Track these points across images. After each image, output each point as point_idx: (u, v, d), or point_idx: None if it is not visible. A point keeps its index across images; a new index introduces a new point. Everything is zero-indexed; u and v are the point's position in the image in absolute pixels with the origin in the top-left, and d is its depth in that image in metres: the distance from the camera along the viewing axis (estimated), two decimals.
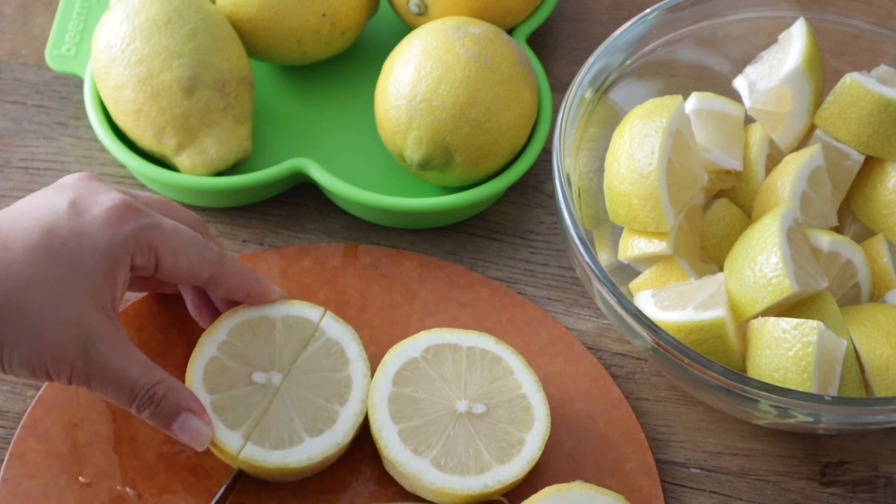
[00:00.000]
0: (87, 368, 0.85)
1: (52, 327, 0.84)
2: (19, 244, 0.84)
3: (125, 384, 0.85)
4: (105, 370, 0.85)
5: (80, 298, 0.84)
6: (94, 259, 0.85)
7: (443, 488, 0.88)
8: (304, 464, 0.89)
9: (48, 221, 0.85)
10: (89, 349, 0.84)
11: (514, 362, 0.92)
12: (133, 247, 0.86)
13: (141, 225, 0.87)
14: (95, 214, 0.86)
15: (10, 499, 0.90)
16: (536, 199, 1.04)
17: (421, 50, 0.99)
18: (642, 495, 0.92)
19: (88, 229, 0.85)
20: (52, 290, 0.84)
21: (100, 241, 0.85)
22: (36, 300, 0.83)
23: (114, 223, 0.86)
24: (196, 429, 0.87)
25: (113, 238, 0.86)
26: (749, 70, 0.99)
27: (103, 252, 0.85)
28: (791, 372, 0.87)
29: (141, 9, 0.99)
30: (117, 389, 0.86)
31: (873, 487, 0.94)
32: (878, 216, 0.97)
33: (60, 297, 0.84)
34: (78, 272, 0.85)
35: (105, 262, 0.85)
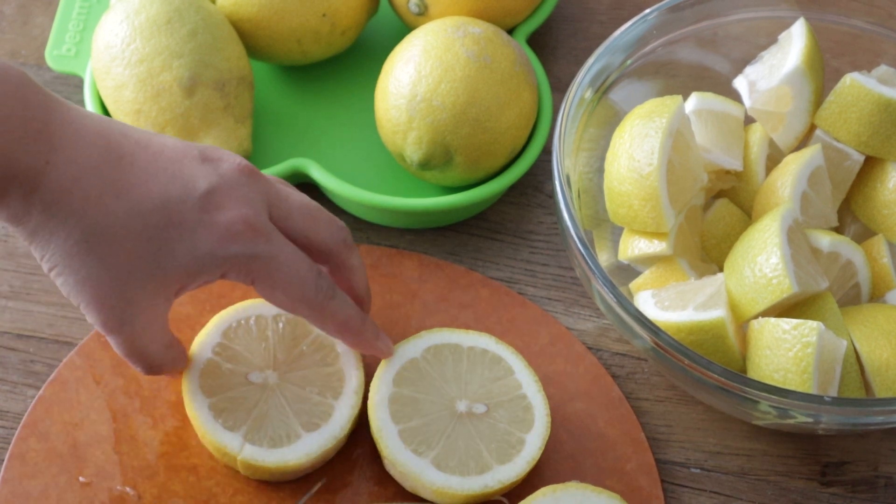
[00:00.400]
0: (112, 329, 0.84)
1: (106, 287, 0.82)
2: (132, 201, 0.82)
3: (138, 355, 0.86)
4: (130, 338, 0.84)
5: (146, 282, 0.83)
6: (184, 258, 0.83)
7: (443, 488, 0.88)
8: (303, 460, 0.89)
9: (172, 199, 0.83)
10: (125, 324, 0.83)
11: (514, 362, 0.92)
12: (230, 268, 0.84)
13: (249, 253, 0.84)
14: (216, 220, 0.83)
15: (10, 499, 0.90)
16: (536, 199, 1.04)
17: (421, 50, 0.99)
18: (642, 495, 0.92)
19: (198, 230, 0.83)
20: (129, 260, 0.82)
21: (200, 247, 0.83)
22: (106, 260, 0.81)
23: (225, 239, 0.83)
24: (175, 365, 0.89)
25: (214, 252, 0.83)
26: (749, 70, 0.99)
27: (197, 258, 0.83)
28: (791, 372, 0.87)
29: (141, 9, 0.99)
30: (129, 353, 0.85)
31: (873, 487, 0.94)
32: (878, 216, 0.97)
33: (131, 270, 0.82)
34: (161, 261, 0.83)
35: (192, 266, 0.83)
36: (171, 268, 0.83)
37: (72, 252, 0.81)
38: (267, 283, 0.85)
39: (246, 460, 0.88)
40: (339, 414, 0.90)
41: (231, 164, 0.85)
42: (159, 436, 0.92)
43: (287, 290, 0.86)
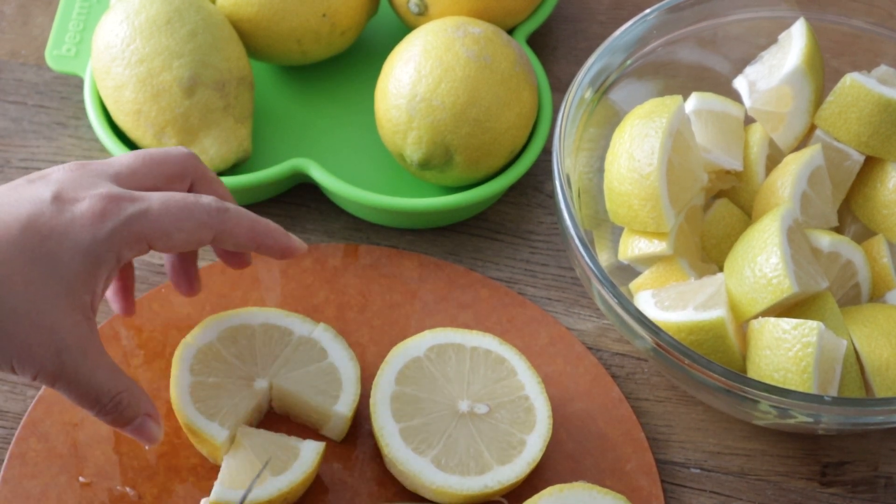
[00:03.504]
0: (54, 371, 0.82)
1: (24, 328, 0.81)
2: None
3: (91, 391, 0.83)
4: (73, 375, 0.83)
5: (56, 301, 0.82)
6: (73, 260, 0.82)
7: (443, 488, 0.88)
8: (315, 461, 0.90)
9: (29, 216, 0.82)
10: (61, 353, 0.82)
11: (517, 363, 0.92)
12: (119, 244, 0.83)
13: (125, 218, 0.83)
14: (78, 212, 0.83)
15: (10, 499, 0.90)
16: (536, 199, 1.04)
17: (421, 50, 0.99)
18: (642, 495, 0.92)
19: (70, 228, 0.83)
20: (27, 290, 0.81)
21: (81, 240, 0.83)
22: (8, 300, 0.81)
23: (96, 221, 0.83)
24: (150, 431, 0.86)
25: (95, 237, 0.83)
26: (749, 70, 0.99)
27: (84, 251, 0.83)
28: (791, 372, 0.87)
29: (141, 9, 0.99)
30: (82, 395, 0.83)
31: (873, 487, 0.94)
32: (878, 216, 0.97)
33: (35, 299, 0.81)
34: (56, 273, 0.82)
35: (86, 262, 0.83)
36: (69, 274, 0.82)
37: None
38: (159, 234, 0.84)
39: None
40: (337, 413, 0.91)
41: (58, 169, 0.86)
42: None
43: (180, 226, 0.85)
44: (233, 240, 0.87)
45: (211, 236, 0.86)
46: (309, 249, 1.00)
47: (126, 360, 0.95)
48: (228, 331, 0.93)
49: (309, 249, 1.00)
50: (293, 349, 0.92)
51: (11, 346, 0.81)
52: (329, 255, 1.00)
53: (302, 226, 1.03)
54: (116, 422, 0.85)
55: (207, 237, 0.86)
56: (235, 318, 0.93)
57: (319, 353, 0.93)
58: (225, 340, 0.92)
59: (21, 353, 0.81)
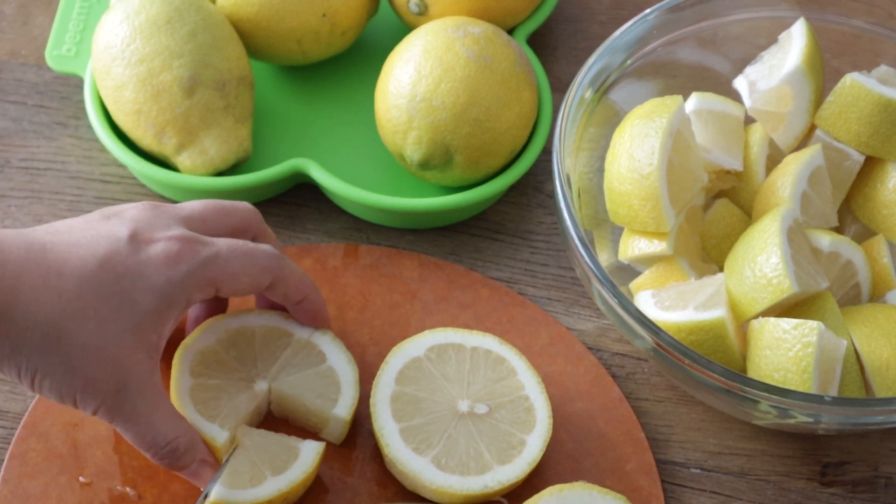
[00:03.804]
0: (114, 409, 0.84)
1: (90, 363, 0.82)
2: (75, 273, 0.83)
3: (148, 433, 0.85)
4: (132, 415, 0.84)
5: (123, 338, 0.83)
6: (146, 299, 0.84)
7: (442, 487, 0.88)
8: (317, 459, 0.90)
9: (106, 254, 0.84)
10: (121, 391, 0.83)
11: (517, 363, 0.92)
12: (192, 287, 0.85)
13: (199, 262, 0.85)
14: (153, 253, 0.85)
15: (10, 499, 0.90)
16: (536, 199, 1.04)
17: (421, 50, 0.99)
18: (642, 495, 0.92)
19: (146, 269, 0.84)
20: (98, 327, 0.82)
21: (155, 281, 0.84)
22: (79, 334, 0.82)
23: (171, 263, 0.85)
24: (203, 476, 0.88)
25: (170, 279, 0.84)
26: (749, 70, 0.99)
27: (158, 292, 0.84)
28: (791, 372, 0.87)
29: (141, 9, 0.99)
30: (139, 436, 0.85)
31: (873, 487, 0.94)
32: (878, 216, 0.97)
33: (104, 336, 0.83)
34: (127, 311, 0.83)
35: (158, 303, 0.84)
36: (140, 314, 0.84)
37: (44, 347, 0.82)
38: (228, 278, 0.87)
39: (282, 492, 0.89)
40: (336, 416, 0.91)
41: (132, 207, 0.87)
42: None
43: (247, 270, 0.87)
44: (284, 289, 0.90)
45: (269, 281, 0.89)
46: (309, 249, 1.00)
47: None
48: (228, 333, 0.93)
49: (309, 249, 1.00)
50: (293, 352, 0.92)
51: (76, 381, 0.83)
52: (329, 255, 1.00)
53: (302, 226, 1.03)
54: (171, 466, 0.87)
55: (266, 282, 0.89)
56: (235, 321, 0.93)
57: (318, 357, 0.93)
58: (225, 343, 0.92)
59: (85, 387, 0.83)
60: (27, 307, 0.81)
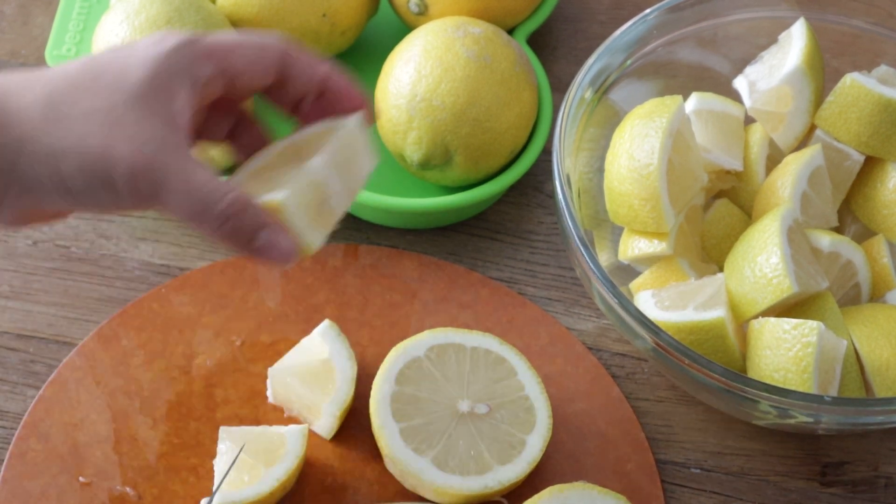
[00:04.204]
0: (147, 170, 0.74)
1: (101, 127, 0.74)
2: (60, 68, 0.76)
3: (198, 191, 0.74)
4: (172, 173, 0.74)
5: (133, 105, 0.74)
6: (143, 70, 0.75)
7: (443, 487, 0.88)
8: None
9: (94, 55, 0.77)
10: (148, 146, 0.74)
11: (517, 363, 0.92)
12: (189, 57, 0.76)
13: (190, 37, 0.76)
14: (142, 42, 0.76)
15: (10, 499, 0.90)
16: (536, 199, 1.04)
17: (421, 50, 0.99)
18: (642, 495, 0.92)
19: (134, 48, 0.76)
20: (96, 95, 0.74)
21: (149, 54, 0.76)
22: (82, 102, 0.74)
23: (160, 41, 0.76)
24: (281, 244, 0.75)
25: (159, 52, 0.76)
26: (749, 70, 0.99)
27: (154, 61, 0.75)
28: (791, 372, 0.88)
29: (141, 9, 0.99)
30: (190, 197, 0.74)
31: (873, 487, 0.94)
32: (878, 216, 0.97)
33: (108, 101, 0.74)
34: (126, 83, 0.75)
35: (156, 72, 0.75)
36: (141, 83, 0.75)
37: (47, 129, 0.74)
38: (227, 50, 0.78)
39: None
40: (328, 410, 0.91)
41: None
42: (159, 436, 0.92)
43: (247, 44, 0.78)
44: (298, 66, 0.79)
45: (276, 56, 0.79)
46: None
47: (126, 360, 0.95)
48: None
49: None
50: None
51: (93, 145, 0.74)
52: (329, 255, 1.00)
53: None
54: (239, 231, 0.74)
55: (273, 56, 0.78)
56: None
57: (319, 351, 0.93)
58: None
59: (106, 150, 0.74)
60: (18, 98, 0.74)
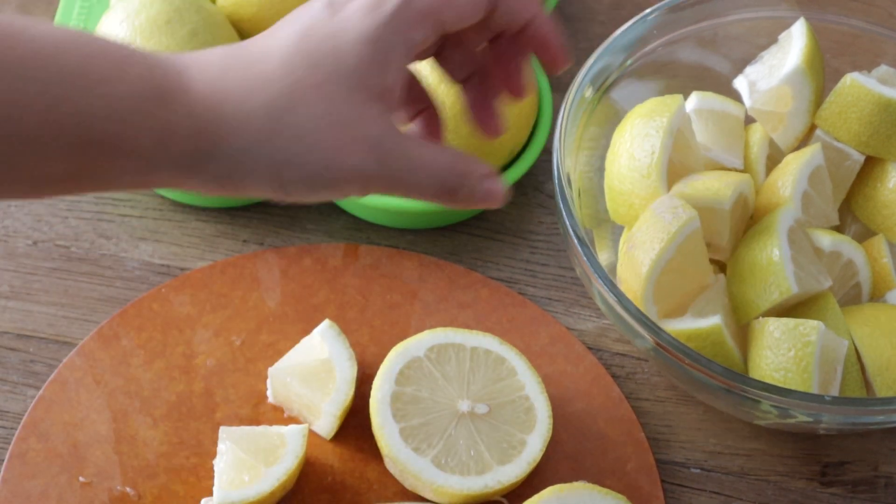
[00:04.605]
0: (379, 174, 0.76)
1: (328, 132, 0.75)
2: (275, 54, 0.76)
3: (430, 178, 0.77)
4: (403, 169, 0.76)
5: (351, 96, 0.76)
6: (356, 51, 0.76)
7: (442, 487, 0.88)
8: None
9: (304, 26, 0.77)
10: (377, 148, 0.76)
11: (517, 363, 0.92)
12: (405, 24, 0.77)
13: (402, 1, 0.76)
14: (351, 11, 0.77)
15: (10, 499, 0.90)
16: (536, 199, 1.04)
17: None
18: (642, 495, 0.92)
19: (346, 24, 0.76)
20: (319, 93, 0.76)
21: (362, 30, 0.76)
22: (302, 108, 0.75)
23: (373, 8, 0.76)
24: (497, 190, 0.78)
25: (376, 22, 0.76)
26: (749, 70, 0.99)
27: (367, 40, 0.76)
28: (791, 372, 0.87)
29: (141, 9, 0.99)
30: (423, 187, 0.77)
31: (874, 487, 0.94)
32: (878, 216, 0.97)
33: (330, 100, 0.75)
34: (343, 69, 0.76)
35: (373, 50, 0.76)
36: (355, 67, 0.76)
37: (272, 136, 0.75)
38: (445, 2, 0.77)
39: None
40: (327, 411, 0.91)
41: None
42: (159, 436, 0.92)
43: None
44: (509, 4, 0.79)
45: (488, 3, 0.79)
46: (309, 249, 1.00)
47: (126, 359, 0.95)
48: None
49: (309, 249, 1.00)
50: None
51: (321, 155, 0.76)
52: (329, 255, 1.00)
53: (302, 226, 1.02)
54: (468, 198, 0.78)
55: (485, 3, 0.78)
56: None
57: (319, 350, 0.93)
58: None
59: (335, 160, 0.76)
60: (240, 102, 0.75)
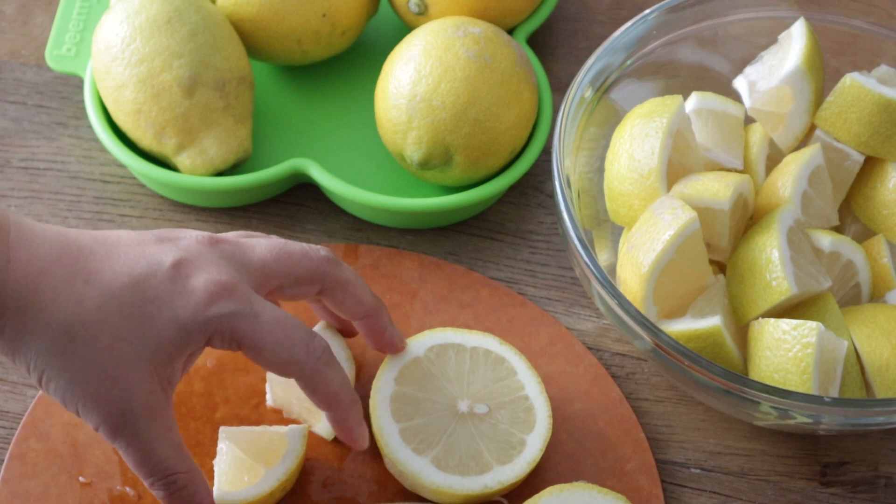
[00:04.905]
0: (115, 427, 0.81)
1: (93, 380, 0.81)
2: (102, 285, 0.81)
3: (148, 460, 0.82)
4: (132, 437, 0.82)
5: (137, 363, 0.81)
6: (168, 330, 0.81)
7: (442, 488, 0.88)
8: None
9: (141, 274, 0.82)
10: (126, 414, 0.81)
11: (517, 363, 0.92)
12: (213, 331, 0.82)
13: (230, 311, 0.82)
14: (189, 288, 0.82)
15: (10, 499, 0.90)
16: (536, 199, 1.04)
17: (421, 50, 0.99)
18: (642, 495, 0.92)
19: (176, 301, 0.82)
20: (111, 345, 0.81)
21: (181, 315, 0.82)
22: (89, 347, 0.80)
23: (202, 302, 0.82)
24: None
25: (195, 317, 0.82)
26: (749, 70, 0.99)
27: (180, 326, 0.82)
28: (791, 373, 0.87)
29: (141, 9, 0.99)
30: (138, 461, 0.82)
31: (873, 487, 0.94)
32: (878, 216, 0.97)
33: (116, 355, 0.81)
34: (146, 336, 0.81)
35: (178, 336, 0.82)
36: (157, 343, 0.82)
37: (54, 350, 0.80)
38: (252, 344, 0.83)
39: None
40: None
41: (189, 237, 0.85)
42: None
43: (275, 351, 0.83)
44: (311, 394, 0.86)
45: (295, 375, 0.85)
46: None
47: None
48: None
49: None
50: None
51: (82, 392, 0.81)
52: None
53: (302, 226, 1.03)
54: (167, 499, 0.83)
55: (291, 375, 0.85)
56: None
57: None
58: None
59: (88, 401, 0.81)
60: (45, 306, 0.80)
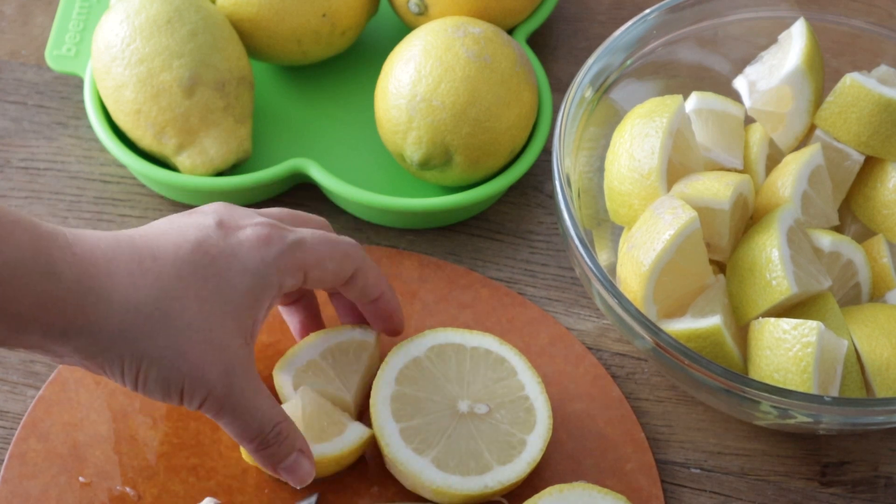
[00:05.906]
0: (223, 397, 0.82)
1: (198, 346, 0.81)
2: (170, 256, 0.81)
3: (255, 419, 0.83)
4: (240, 402, 0.82)
5: (224, 321, 0.82)
6: (242, 280, 0.83)
7: (442, 487, 0.88)
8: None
9: (197, 238, 0.83)
10: (230, 376, 0.82)
11: (517, 363, 0.92)
12: (284, 270, 0.84)
13: (288, 244, 0.85)
14: (243, 237, 0.84)
15: (10, 499, 0.90)
16: (536, 199, 1.04)
17: (421, 50, 0.99)
18: (642, 495, 0.92)
19: (238, 250, 0.83)
20: (201, 308, 0.81)
21: (249, 263, 0.83)
22: (183, 315, 0.81)
23: (262, 245, 0.84)
24: (303, 469, 0.86)
25: (263, 259, 0.83)
26: (749, 70, 0.99)
27: (253, 273, 0.83)
28: (791, 373, 0.87)
29: (141, 9, 0.99)
30: (246, 424, 0.83)
31: (873, 487, 0.94)
32: (878, 216, 0.97)
33: (208, 317, 0.81)
34: (225, 293, 0.82)
35: (253, 285, 0.83)
36: (237, 296, 0.82)
37: (150, 331, 0.80)
38: (315, 262, 0.86)
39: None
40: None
41: (210, 205, 0.87)
42: (159, 436, 0.92)
43: (331, 256, 0.87)
44: (363, 282, 0.89)
45: (352, 270, 0.88)
46: None
47: None
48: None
49: None
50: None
51: (185, 366, 0.81)
52: None
53: None
54: (274, 456, 0.84)
55: (349, 270, 0.88)
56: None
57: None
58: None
59: (194, 372, 0.81)
60: (126, 290, 0.80)
